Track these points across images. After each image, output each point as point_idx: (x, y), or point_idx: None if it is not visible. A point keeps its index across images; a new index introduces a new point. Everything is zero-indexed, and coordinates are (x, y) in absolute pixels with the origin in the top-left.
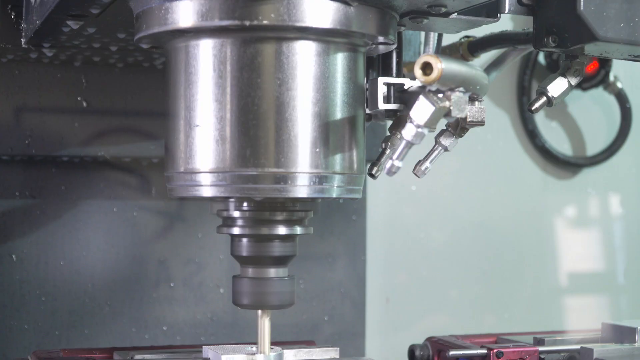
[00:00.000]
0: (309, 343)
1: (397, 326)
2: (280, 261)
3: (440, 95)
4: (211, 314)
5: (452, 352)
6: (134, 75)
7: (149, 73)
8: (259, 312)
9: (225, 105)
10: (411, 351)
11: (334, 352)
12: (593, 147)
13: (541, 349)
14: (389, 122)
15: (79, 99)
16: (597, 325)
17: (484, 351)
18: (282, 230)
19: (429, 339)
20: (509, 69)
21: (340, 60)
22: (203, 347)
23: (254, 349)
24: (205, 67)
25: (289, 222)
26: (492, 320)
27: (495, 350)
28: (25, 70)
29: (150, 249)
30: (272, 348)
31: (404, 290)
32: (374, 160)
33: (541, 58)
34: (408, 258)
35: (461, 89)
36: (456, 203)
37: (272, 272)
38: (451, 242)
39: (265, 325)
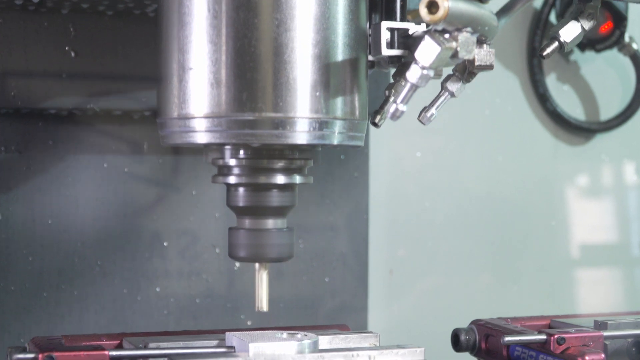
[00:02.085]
0: (341, 327)
1: (401, 299)
2: (279, 212)
3: (447, 35)
4: (206, 274)
5: (507, 338)
6: (124, 24)
7: (141, 21)
8: (257, 265)
9: (221, 47)
10: (455, 336)
11: (373, 339)
12: (607, 112)
13: (605, 333)
14: (393, 70)
15: (66, 48)
16: (612, 299)
17: (543, 337)
18: (280, 179)
19: (475, 322)
20: (519, 29)
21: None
22: (226, 333)
23: (285, 335)
24: (200, 7)
25: (287, 171)
26: (500, 293)
27: (556, 336)
28: (9, 19)
29: (142, 207)
30: (305, 334)
31: (408, 262)
32: (377, 109)
33: (552, 18)
34: (412, 228)
35: (469, 29)
36: (463, 170)
37: (270, 223)
38: (458, 211)
39: (262, 279)
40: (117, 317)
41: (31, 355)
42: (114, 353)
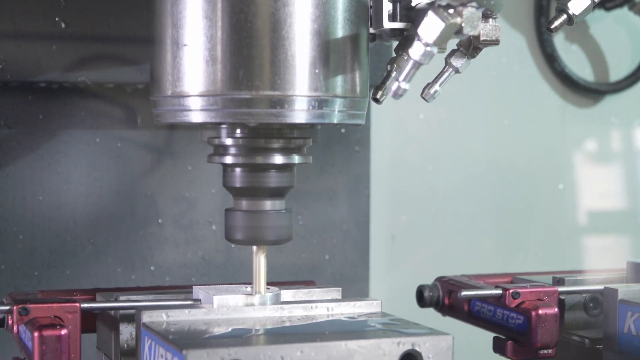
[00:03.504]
0: (308, 283)
1: (403, 266)
2: (277, 193)
3: (451, 10)
4: (202, 252)
5: (464, 293)
6: None
7: None
8: (254, 248)
9: (216, 22)
10: (420, 292)
11: (335, 293)
12: (617, 73)
13: (561, 289)
14: (395, 43)
15: (57, 19)
16: (620, 266)
17: (499, 291)
18: (278, 159)
19: (439, 279)
20: None
21: None
22: (193, 287)
23: (249, 289)
24: None
25: (286, 150)
26: (506, 260)
27: (511, 291)
28: None
29: (136, 183)
30: (268, 288)
31: (410, 228)
32: (379, 84)
33: None
34: (415, 193)
35: (474, 3)
36: (467, 134)
37: (268, 204)
38: (462, 175)
39: (260, 262)
40: None
41: (6, 307)
42: (85, 305)
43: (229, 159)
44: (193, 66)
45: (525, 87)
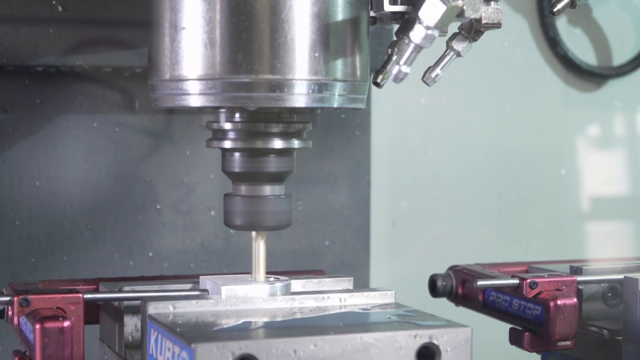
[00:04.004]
0: (317, 272)
1: (404, 252)
2: (276, 177)
3: None
4: (201, 238)
5: (480, 282)
6: None
7: None
8: (253, 234)
9: (215, 5)
10: (432, 281)
11: (347, 283)
12: (620, 56)
13: (579, 278)
14: (396, 27)
15: (54, 2)
16: (623, 253)
17: (516, 281)
18: (278, 143)
19: (452, 268)
20: None
21: None
22: (200, 277)
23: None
24: None
25: (285, 135)
26: (507, 246)
27: (528, 280)
28: None
29: (134, 168)
30: (278, 278)
31: (411, 214)
32: (379, 68)
33: None
34: (416, 179)
35: None
36: (469, 118)
37: (268, 189)
38: (463, 160)
39: (260, 248)
40: None
41: (7, 298)
42: (88, 295)
43: (228, 144)
44: (191, 49)
45: (528, 71)
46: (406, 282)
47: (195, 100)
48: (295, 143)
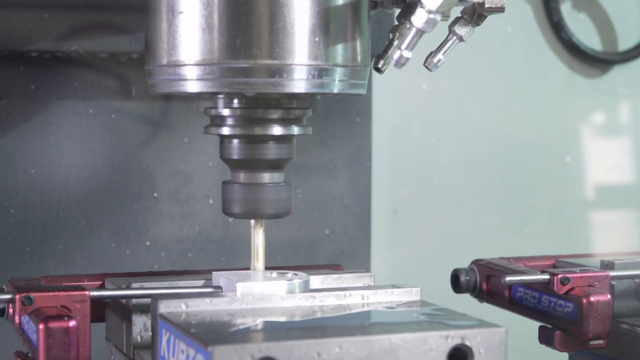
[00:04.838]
0: (335, 267)
1: (405, 241)
2: (276, 165)
3: None
4: (199, 227)
5: (508, 278)
6: None
7: None
8: (252, 222)
9: None
10: (455, 276)
11: (368, 279)
12: (625, 42)
13: (612, 274)
14: (397, 11)
15: None
16: (628, 242)
17: (547, 277)
18: (277, 130)
19: (476, 262)
20: None
21: None
22: (213, 273)
23: (274, 274)
24: None
25: (284, 121)
26: (511, 234)
27: (560, 276)
28: None
29: (131, 155)
30: (296, 274)
31: (413, 202)
32: (380, 53)
33: None
34: (418, 166)
35: None
36: (472, 105)
37: (267, 177)
38: (466, 148)
39: (259, 237)
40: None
41: (8, 296)
42: (95, 293)
43: (226, 130)
44: (189, 34)
45: (531, 57)
46: (407, 271)
47: (192, 85)
48: (295, 130)
